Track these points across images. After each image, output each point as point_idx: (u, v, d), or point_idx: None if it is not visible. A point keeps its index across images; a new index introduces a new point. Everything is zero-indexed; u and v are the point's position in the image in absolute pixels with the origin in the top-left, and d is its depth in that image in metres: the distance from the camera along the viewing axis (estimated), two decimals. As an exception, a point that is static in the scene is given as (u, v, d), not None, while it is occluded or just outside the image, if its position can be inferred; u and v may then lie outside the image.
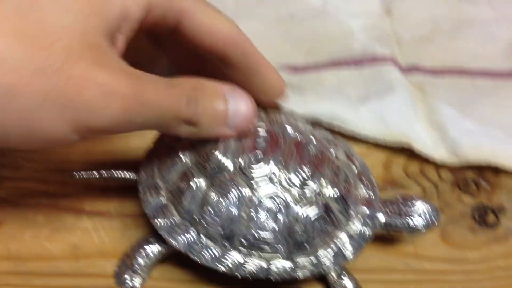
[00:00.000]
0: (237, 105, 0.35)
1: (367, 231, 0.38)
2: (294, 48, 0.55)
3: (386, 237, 0.42)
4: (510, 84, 0.54)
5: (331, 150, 0.39)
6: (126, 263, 0.38)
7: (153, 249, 0.38)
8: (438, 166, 0.47)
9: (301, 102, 0.47)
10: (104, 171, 0.40)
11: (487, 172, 0.47)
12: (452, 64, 0.55)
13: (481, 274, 0.42)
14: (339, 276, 0.38)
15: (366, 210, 0.39)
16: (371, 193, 0.40)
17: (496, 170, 0.48)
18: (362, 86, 0.52)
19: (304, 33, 0.56)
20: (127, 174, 0.40)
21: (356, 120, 0.48)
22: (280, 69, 0.53)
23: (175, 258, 0.39)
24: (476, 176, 0.47)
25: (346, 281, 0.39)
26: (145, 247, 0.38)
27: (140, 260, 0.38)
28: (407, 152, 0.48)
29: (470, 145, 0.46)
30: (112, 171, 0.40)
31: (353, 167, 0.40)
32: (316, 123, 0.46)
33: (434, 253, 0.42)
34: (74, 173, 0.39)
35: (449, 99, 0.51)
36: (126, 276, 0.38)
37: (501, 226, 0.45)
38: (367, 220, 0.38)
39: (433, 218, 0.40)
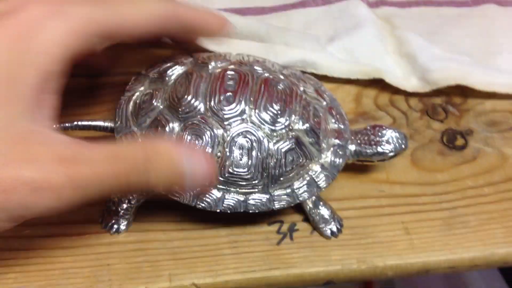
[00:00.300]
0: (194, 169, 0.33)
1: (339, 161, 0.40)
2: (261, -11, 0.55)
3: (359, 167, 0.44)
4: (474, 12, 0.55)
5: (300, 86, 0.41)
6: (111, 208, 0.40)
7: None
8: (407, 95, 0.49)
9: (272, 54, 0.48)
10: (80, 122, 0.41)
11: (454, 97, 0.49)
12: (418, -5, 0.56)
13: (452, 195, 0.44)
14: (315, 206, 0.40)
15: (336, 141, 0.40)
16: (341, 125, 0.41)
17: (463, 95, 0.49)
18: (331, 23, 0.53)
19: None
20: (103, 123, 0.41)
21: (328, 64, 0.49)
22: (249, 12, 0.53)
23: (157, 201, 0.41)
24: (444, 102, 0.49)
25: (322, 209, 0.41)
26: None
27: (124, 205, 0.39)
28: (377, 85, 0.49)
29: (439, 69, 0.48)
30: (89, 121, 0.41)
31: (323, 101, 0.42)
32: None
33: (405, 178, 0.44)
34: (54, 126, 0.40)
35: (416, 30, 0.52)
36: (112, 220, 0.40)
37: (470, 147, 0.47)
38: (338, 150, 0.40)
39: (402, 143, 0.41)
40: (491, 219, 0.42)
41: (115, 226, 0.39)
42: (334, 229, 0.41)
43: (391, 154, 0.41)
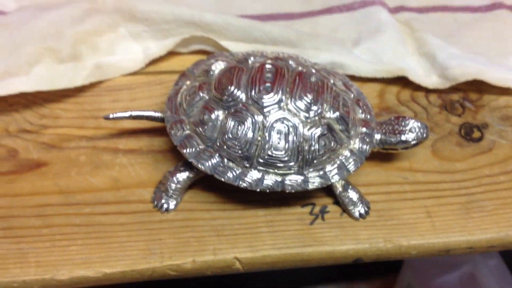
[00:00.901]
0: None
1: (366, 147, 0.44)
2: (290, -3, 0.60)
3: (384, 156, 0.48)
4: (488, 17, 0.59)
5: (330, 79, 0.45)
6: (161, 190, 0.44)
7: (183, 175, 0.44)
8: (427, 92, 0.53)
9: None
10: (133, 112, 0.45)
11: (471, 94, 0.53)
12: (435, 1, 0.60)
13: (469, 182, 0.47)
14: (344, 189, 0.44)
15: (364, 129, 0.44)
16: (367, 115, 0.45)
17: (479, 92, 0.53)
18: (355, 28, 0.58)
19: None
20: (154, 113, 0.45)
21: (354, 64, 0.53)
22: (279, 17, 0.58)
23: (202, 183, 0.45)
24: (461, 98, 0.53)
25: (351, 192, 0.44)
26: (177, 174, 0.43)
27: (173, 185, 0.43)
28: (399, 83, 0.54)
29: (457, 66, 0.52)
30: (141, 111, 0.45)
31: (351, 94, 0.46)
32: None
33: (427, 167, 0.48)
34: (109, 115, 0.45)
35: (434, 33, 0.56)
36: (162, 200, 0.44)
37: (485, 139, 0.50)
38: (365, 138, 0.44)
39: (424, 132, 0.45)
40: (506, 204, 0.46)
41: (165, 205, 0.44)
42: (362, 211, 0.44)
43: (414, 142, 0.45)
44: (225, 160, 0.42)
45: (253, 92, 0.42)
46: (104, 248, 0.42)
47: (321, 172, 0.43)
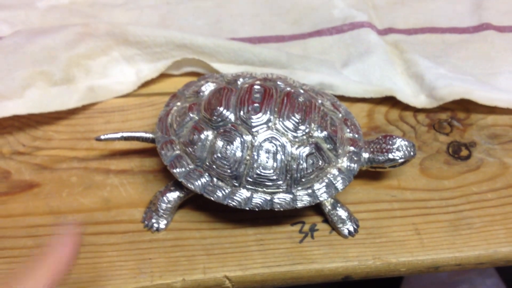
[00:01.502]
0: None
1: (354, 165, 0.45)
2: (280, 19, 0.61)
3: (372, 174, 0.48)
4: (476, 38, 0.60)
5: (318, 99, 0.46)
6: (152, 210, 0.45)
7: (174, 195, 0.44)
8: (415, 111, 0.54)
9: (294, 78, 0.53)
10: (124, 133, 0.46)
11: (458, 113, 0.54)
12: (423, 23, 0.62)
13: (458, 199, 0.48)
14: (333, 207, 0.45)
15: (352, 148, 0.45)
16: (355, 134, 0.46)
17: (467, 111, 0.54)
18: (344, 50, 0.59)
19: (288, 5, 0.62)
20: (144, 134, 0.46)
21: (343, 84, 0.54)
22: (271, 39, 0.59)
23: (192, 202, 0.46)
24: (449, 117, 0.54)
25: (340, 210, 0.45)
26: (167, 194, 0.44)
27: (164, 205, 0.44)
28: (388, 103, 0.54)
29: (445, 86, 0.52)
30: (132, 132, 0.46)
31: (339, 113, 0.47)
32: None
33: (415, 185, 0.49)
34: (101, 136, 0.46)
35: (422, 54, 0.57)
36: (153, 220, 0.44)
37: (473, 157, 0.51)
38: (353, 156, 0.45)
39: (411, 150, 0.46)
40: (494, 221, 0.46)
41: (156, 225, 0.44)
42: (351, 228, 0.45)
43: (401, 160, 0.46)
44: (215, 179, 0.42)
45: (242, 112, 0.42)
46: (94, 268, 0.42)
47: (310, 191, 0.43)
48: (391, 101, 0.54)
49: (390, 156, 0.46)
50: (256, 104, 0.43)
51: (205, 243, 0.44)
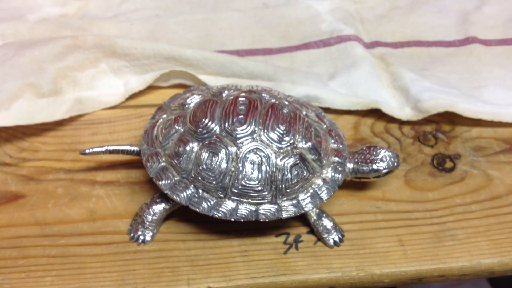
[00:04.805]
0: None
1: (338, 176, 0.45)
2: (269, 33, 0.62)
3: (357, 185, 0.49)
4: (462, 51, 0.61)
5: (303, 111, 0.46)
6: (138, 222, 0.45)
7: (159, 207, 0.44)
8: (400, 124, 0.55)
9: (280, 91, 0.53)
10: (109, 147, 0.46)
11: (443, 126, 0.55)
12: (410, 36, 0.62)
13: (441, 211, 0.48)
14: (318, 217, 0.45)
15: (336, 158, 0.45)
16: (340, 145, 0.47)
17: (451, 123, 0.55)
18: (331, 63, 0.59)
19: (277, 19, 0.63)
20: (129, 147, 0.46)
21: (330, 97, 0.55)
22: (258, 52, 0.60)
23: (178, 214, 0.46)
24: (434, 130, 0.54)
25: (325, 220, 0.45)
26: (153, 206, 0.44)
27: (150, 217, 0.44)
28: (373, 115, 0.55)
29: (429, 99, 0.53)
30: (117, 145, 0.46)
31: (323, 124, 0.47)
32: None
33: (399, 196, 0.49)
34: (85, 150, 0.46)
35: (408, 67, 0.58)
36: (139, 232, 0.45)
37: (458, 169, 0.51)
38: (338, 167, 0.45)
39: (394, 161, 0.46)
40: (477, 233, 0.47)
41: (141, 237, 0.44)
42: (337, 238, 0.45)
43: (385, 171, 0.46)
44: (200, 191, 0.43)
45: (226, 124, 0.43)
46: (78, 279, 0.42)
47: (295, 201, 0.43)
48: (377, 114, 0.55)
49: (374, 166, 0.46)
50: (241, 116, 0.43)
51: (190, 254, 0.44)
